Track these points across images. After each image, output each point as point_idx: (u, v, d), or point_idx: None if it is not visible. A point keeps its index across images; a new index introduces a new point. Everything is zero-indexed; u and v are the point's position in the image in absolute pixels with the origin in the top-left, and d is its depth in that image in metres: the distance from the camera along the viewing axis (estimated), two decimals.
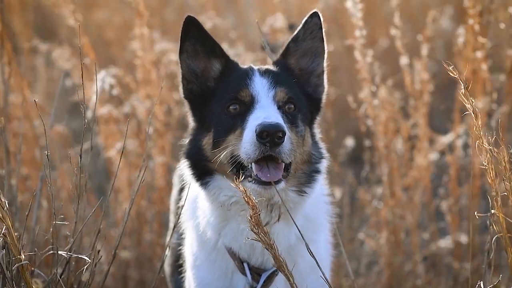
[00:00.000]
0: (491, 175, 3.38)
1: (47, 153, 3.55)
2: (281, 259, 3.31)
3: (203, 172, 3.56)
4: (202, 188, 3.56)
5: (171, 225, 4.44)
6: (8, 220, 3.30)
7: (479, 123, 3.34)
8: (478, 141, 3.34)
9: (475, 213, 3.71)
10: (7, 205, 3.35)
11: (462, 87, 3.29)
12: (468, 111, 3.34)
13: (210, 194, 3.53)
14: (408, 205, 5.39)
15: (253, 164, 3.35)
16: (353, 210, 5.77)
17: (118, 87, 5.30)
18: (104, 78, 5.15)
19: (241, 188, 3.19)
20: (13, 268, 3.38)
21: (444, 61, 3.30)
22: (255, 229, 3.25)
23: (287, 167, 3.41)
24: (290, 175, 3.45)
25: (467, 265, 5.36)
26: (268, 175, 3.34)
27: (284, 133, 3.28)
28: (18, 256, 3.35)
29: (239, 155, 3.37)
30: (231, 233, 3.56)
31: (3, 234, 3.31)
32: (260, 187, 3.36)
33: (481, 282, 3.50)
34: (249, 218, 3.23)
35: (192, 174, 3.60)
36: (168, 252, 4.34)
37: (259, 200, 3.36)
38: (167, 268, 4.25)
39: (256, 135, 3.27)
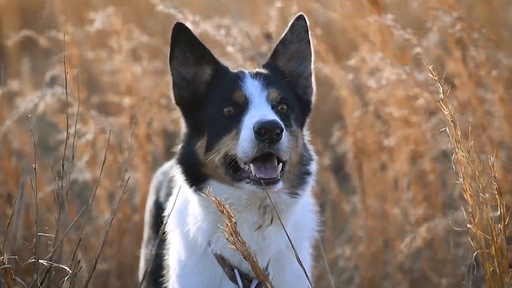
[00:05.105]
0: (469, 191, 3.31)
1: (35, 165, 3.49)
2: (261, 268, 3.30)
3: (197, 178, 3.54)
4: (196, 194, 3.53)
5: (145, 236, 4.40)
6: None
7: (458, 133, 3.25)
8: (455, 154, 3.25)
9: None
10: None
11: (441, 91, 3.22)
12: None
13: (205, 199, 3.49)
14: (383, 217, 5.40)
15: (251, 164, 3.36)
16: (335, 223, 5.77)
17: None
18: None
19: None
20: None
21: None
22: (232, 237, 3.24)
23: (283, 167, 3.43)
24: (284, 176, 3.45)
25: (443, 279, 5.38)
26: (266, 173, 3.34)
27: (281, 130, 3.30)
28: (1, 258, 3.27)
29: (235, 155, 3.38)
30: (223, 238, 3.55)
31: None
32: (258, 188, 3.37)
33: None
34: (226, 225, 3.23)
35: (185, 180, 3.58)
36: (144, 263, 4.31)
37: (253, 202, 3.42)
38: (141, 279, 4.20)
39: (255, 132, 3.29)
